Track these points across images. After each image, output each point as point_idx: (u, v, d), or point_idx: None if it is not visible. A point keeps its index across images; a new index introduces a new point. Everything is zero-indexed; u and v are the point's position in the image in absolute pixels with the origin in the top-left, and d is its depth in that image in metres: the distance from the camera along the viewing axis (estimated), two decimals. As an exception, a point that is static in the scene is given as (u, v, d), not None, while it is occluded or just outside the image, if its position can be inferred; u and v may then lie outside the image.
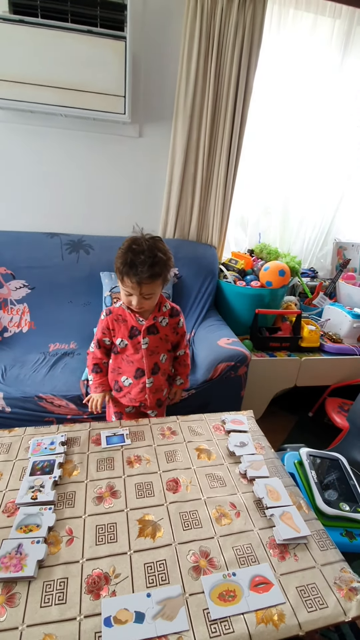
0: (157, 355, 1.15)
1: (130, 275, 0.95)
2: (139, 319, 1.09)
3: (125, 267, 0.95)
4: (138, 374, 1.15)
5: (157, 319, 1.10)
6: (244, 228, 2.22)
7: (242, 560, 0.73)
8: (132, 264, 0.94)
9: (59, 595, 0.65)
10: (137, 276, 0.95)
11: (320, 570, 0.73)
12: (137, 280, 0.95)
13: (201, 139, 1.80)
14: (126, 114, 1.62)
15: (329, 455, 1.18)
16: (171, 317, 1.14)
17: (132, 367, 1.15)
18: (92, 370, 1.20)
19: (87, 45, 1.49)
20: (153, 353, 1.13)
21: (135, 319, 1.09)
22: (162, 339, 1.14)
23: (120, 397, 1.21)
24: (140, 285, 0.97)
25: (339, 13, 1.79)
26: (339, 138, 2.06)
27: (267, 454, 1.02)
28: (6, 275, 1.74)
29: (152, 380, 1.16)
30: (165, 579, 0.68)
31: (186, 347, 1.25)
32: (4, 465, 0.92)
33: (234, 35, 1.63)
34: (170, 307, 1.15)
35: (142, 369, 1.14)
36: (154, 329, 1.11)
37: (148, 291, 0.99)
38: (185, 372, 1.28)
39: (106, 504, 0.83)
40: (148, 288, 0.98)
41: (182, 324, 1.18)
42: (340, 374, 1.88)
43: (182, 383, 1.30)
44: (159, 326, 1.11)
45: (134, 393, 1.17)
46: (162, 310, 1.11)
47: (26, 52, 1.46)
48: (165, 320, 1.12)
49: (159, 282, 1.01)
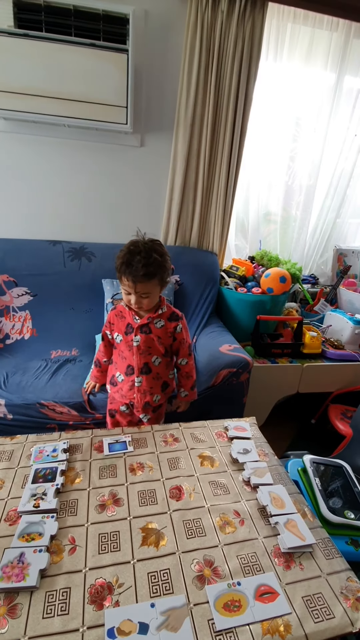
0: (149, 356, 1.17)
1: (127, 274, 1.02)
2: (135, 317, 1.14)
3: (122, 266, 1.02)
4: (129, 371, 1.19)
5: (152, 319, 1.13)
6: (245, 235, 2.24)
7: (247, 569, 0.72)
8: (129, 264, 1.01)
9: (61, 605, 0.64)
10: (132, 275, 1.01)
11: (327, 579, 0.72)
12: (133, 279, 1.02)
13: (202, 148, 1.83)
14: (128, 124, 1.65)
15: (333, 462, 1.17)
16: (169, 320, 1.16)
17: (124, 362, 1.19)
18: (93, 363, 1.32)
19: (90, 58, 1.52)
20: (144, 353, 1.16)
21: (132, 317, 1.14)
22: (155, 341, 1.15)
23: (114, 392, 1.25)
24: (135, 284, 1.02)
25: (336, 26, 1.84)
26: (337, 146, 2.09)
27: (270, 461, 1.01)
28: (8, 283, 1.75)
29: (140, 380, 1.18)
30: (169, 588, 0.67)
31: (189, 356, 1.24)
32: (6, 473, 0.91)
33: (233, 48, 1.66)
34: (170, 311, 1.17)
35: (132, 365, 1.17)
36: (146, 328, 1.14)
37: (143, 290, 1.04)
38: (189, 383, 1.28)
39: (109, 512, 0.82)
40: (143, 287, 1.04)
41: (180, 330, 1.18)
42: (343, 380, 1.88)
43: (186, 395, 1.30)
44: (153, 327, 1.14)
45: (124, 389, 1.21)
46: (158, 312, 1.14)
47: (31, 65, 1.49)
48: (160, 322, 1.15)
49: (155, 282, 1.05)
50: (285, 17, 1.76)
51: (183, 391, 1.29)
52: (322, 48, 1.87)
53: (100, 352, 1.29)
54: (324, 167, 2.12)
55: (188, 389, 1.29)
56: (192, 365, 1.27)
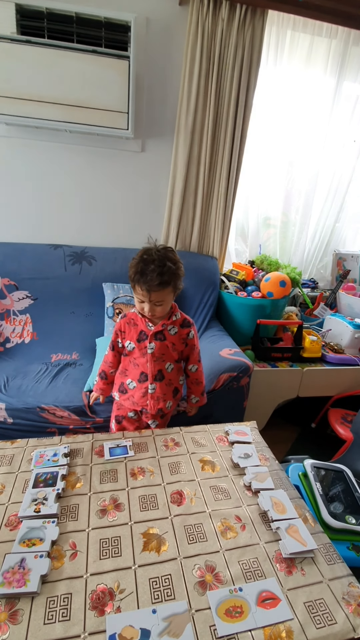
0: (163, 363, 1.17)
1: (141, 283, 1.01)
2: (148, 325, 1.13)
3: (136, 275, 1.02)
4: (142, 378, 1.17)
5: (166, 326, 1.13)
6: (245, 239, 2.25)
7: (249, 575, 0.72)
8: (143, 273, 1.00)
9: (62, 611, 0.63)
10: (146, 284, 1.01)
11: (328, 585, 0.72)
12: (147, 288, 1.01)
13: (202, 154, 1.84)
14: (129, 130, 1.66)
15: (334, 466, 1.17)
16: (182, 327, 1.16)
17: (137, 370, 1.18)
18: (99, 374, 1.28)
19: (92, 65, 1.53)
20: (158, 359, 1.16)
21: (145, 324, 1.13)
22: (169, 347, 1.15)
23: (124, 400, 1.22)
24: (149, 293, 1.02)
25: (335, 34, 1.86)
26: (336, 151, 2.10)
27: (271, 466, 1.01)
28: (9, 286, 1.76)
29: (154, 387, 1.17)
30: (170, 594, 0.67)
31: (199, 362, 1.25)
32: (7, 478, 0.91)
33: (233, 55, 1.68)
34: (182, 317, 1.17)
35: (146, 373, 1.16)
36: (161, 335, 1.13)
37: (157, 298, 1.04)
38: (199, 389, 1.28)
39: (110, 517, 0.82)
40: (157, 295, 1.03)
41: (192, 336, 1.19)
42: (343, 384, 1.88)
43: (197, 401, 1.30)
44: (167, 334, 1.14)
45: (136, 397, 1.19)
46: (172, 319, 1.14)
47: (33, 71, 1.51)
48: (174, 329, 1.15)
49: (169, 290, 1.05)
50: (285, 24, 1.78)
51: (194, 397, 1.29)
52: (322, 55, 1.89)
53: (106, 363, 1.25)
54: (323, 172, 2.13)
55: (199, 394, 1.29)
56: (201, 371, 1.27)
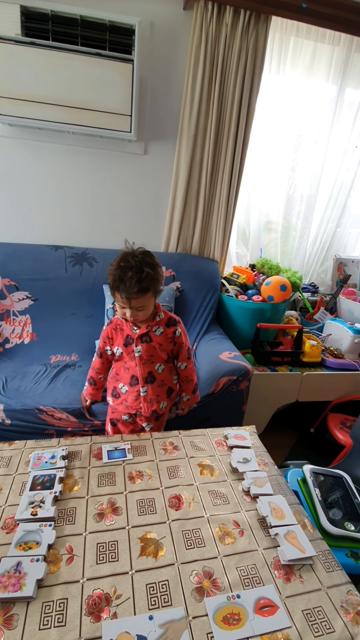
0: (152, 365, 1.17)
1: (120, 291, 1.01)
2: (133, 328, 1.13)
3: (115, 282, 1.01)
4: (133, 382, 1.18)
5: (151, 328, 1.13)
6: (246, 243, 2.25)
7: (247, 582, 0.71)
8: (121, 280, 0.99)
9: (58, 617, 0.63)
10: (126, 292, 1.00)
11: (327, 592, 0.71)
12: (127, 296, 1.00)
13: (204, 158, 1.85)
14: (132, 132, 1.67)
15: (333, 472, 1.16)
16: (167, 326, 1.16)
17: (127, 374, 1.19)
18: (87, 380, 1.29)
19: (96, 67, 1.54)
20: (147, 362, 1.16)
21: (130, 328, 1.14)
22: (157, 348, 1.15)
23: (117, 404, 1.23)
24: (129, 300, 1.02)
25: (338, 40, 1.87)
26: (338, 157, 2.11)
27: (270, 471, 1.01)
28: (10, 287, 1.75)
29: (146, 389, 1.18)
30: (167, 600, 0.67)
31: (188, 360, 1.24)
32: (4, 480, 0.90)
33: (237, 60, 1.69)
34: (166, 316, 1.17)
35: (136, 376, 1.17)
36: (147, 337, 1.14)
37: (138, 304, 1.04)
38: (190, 387, 1.28)
39: (107, 521, 0.81)
40: (137, 302, 1.03)
41: (179, 334, 1.19)
42: (342, 389, 1.87)
43: (188, 399, 1.30)
44: (153, 335, 1.14)
45: (129, 400, 1.19)
46: (156, 319, 1.14)
47: (37, 73, 1.51)
48: (159, 329, 1.15)
49: (149, 295, 1.05)
50: (289, 30, 1.80)
51: (185, 395, 1.29)
52: (324, 61, 1.90)
53: (94, 369, 1.26)
54: (324, 177, 2.14)
55: (190, 392, 1.29)
56: (192, 369, 1.27)
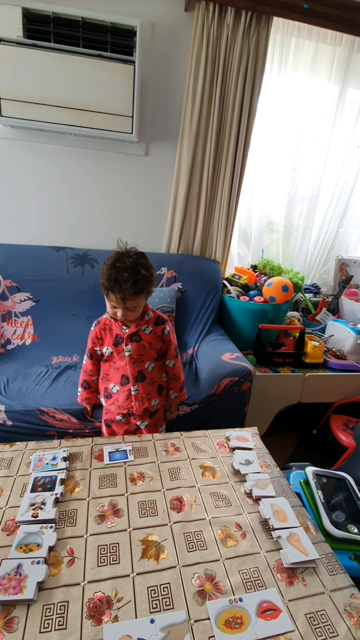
0: (142, 364, 1.18)
1: (115, 292, 1.01)
2: (122, 328, 1.14)
3: (109, 283, 1.01)
4: (124, 381, 1.19)
5: (140, 327, 1.14)
6: (247, 244, 2.24)
7: (249, 585, 0.70)
8: (116, 281, 1.00)
9: (59, 620, 0.62)
10: (121, 292, 1.00)
11: (330, 596, 0.70)
12: (122, 297, 1.01)
13: (206, 159, 1.85)
14: (133, 134, 1.67)
15: (336, 474, 1.15)
16: (156, 325, 1.18)
17: (117, 373, 1.19)
18: (81, 384, 1.28)
19: (98, 69, 1.54)
20: (137, 361, 1.17)
21: (119, 327, 1.14)
22: (146, 347, 1.17)
23: (109, 405, 1.23)
24: (124, 301, 1.02)
25: (339, 41, 1.87)
26: (340, 157, 2.11)
27: (272, 473, 1.00)
28: (11, 288, 1.75)
29: (137, 388, 1.19)
30: (169, 603, 0.66)
31: (176, 358, 1.25)
32: (5, 481, 0.90)
33: (238, 61, 1.69)
34: (155, 315, 1.18)
35: (126, 375, 1.18)
36: (136, 336, 1.14)
37: (132, 305, 1.05)
38: (177, 385, 1.28)
39: (108, 523, 0.81)
40: (132, 302, 1.04)
41: (168, 332, 1.20)
42: (345, 390, 1.86)
43: (176, 397, 1.30)
44: (142, 334, 1.15)
45: (121, 400, 1.20)
46: (145, 318, 1.15)
47: (39, 75, 1.51)
48: (149, 328, 1.16)
49: (143, 296, 1.07)
50: (290, 31, 1.79)
51: (172, 393, 1.29)
52: (326, 62, 1.90)
53: (86, 372, 1.26)
54: (326, 177, 2.13)
55: (177, 390, 1.29)
56: (179, 367, 1.27)
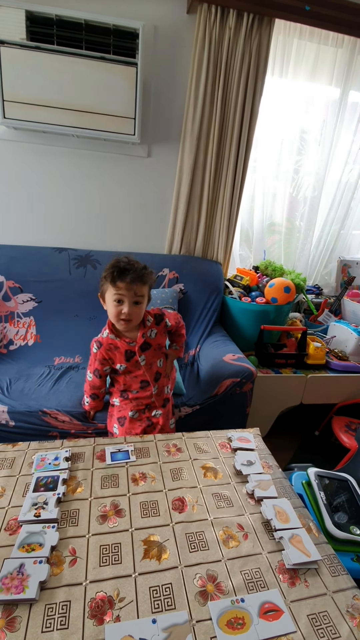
0: (155, 365, 1.22)
1: (121, 278, 1.02)
2: (129, 343, 1.15)
3: (117, 271, 1.03)
4: (143, 385, 1.22)
5: (146, 335, 1.16)
6: (249, 245, 2.25)
7: (251, 586, 0.70)
8: (122, 270, 1.03)
9: (61, 619, 0.62)
10: (128, 276, 1.02)
11: (332, 597, 0.70)
12: (130, 280, 1.02)
13: (208, 160, 1.85)
14: (135, 135, 1.68)
15: (338, 475, 1.15)
16: (157, 324, 1.20)
17: (136, 381, 1.22)
18: (89, 396, 1.30)
19: (100, 71, 1.55)
20: (152, 365, 1.21)
21: (127, 343, 1.15)
22: (156, 349, 1.21)
23: (125, 404, 1.25)
24: (133, 284, 1.03)
25: (341, 43, 1.87)
26: (342, 158, 2.11)
27: (274, 474, 1.00)
28: (14, 289, 1.76)
29: (157, 387, 1.23)
30: (171, 604, 0.66)
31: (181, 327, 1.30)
32: (7, 481, 0.90)
33: (240, 63, 1.70)
34: (152, 316, 1.20)
35: (146, 380, 1.21)
36: (146, 345, 1.17)
37: (140, 292, 1.06)
38: (181, 340, 1.33)
39: (110, 523, 0.81)
40: (140, 289, 1.05)
41: (169, 323, 1.23)
42: (347, 392, 1.86)
43: (177, 349, 1.34)
44: (150, 340, 1.18)
45: (140, 399, 1.23)
46: (147, 325, 1.17)
47: (42, 77, 1.53)
48: (153, 331, 1.19)
49: (147, 288, 1.08)
50: (292, 33, 1.80)
51: (174, 345, 1.33)
52: (328, 63, 1.91)
53: (95, 387, 1.27)
54: (328, 179, 2.13)
55: (180, 345, 1.34)
56: (183, 325, 1.31)
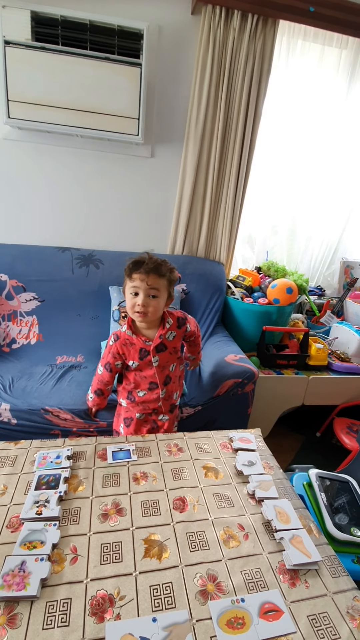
0: (168, 368, 1.20)
1: (137, 269, 1.04)
2: (146, 342, 1.14)
3: (134, 264, 1.05)
4: (152, 387, 1.20)
5: (164, 336, 1.14)
6: (252, 246, 2.25)
7: (251, 586, 0.70)
8: (139, 262, 1.05)
9: (61, 617, 0.63)
10: (144, 268, 1.03)
11: (332, 598, 0.70)
12: (145, 271, 1.03)
13: (211, 161, 1.85)
14: (139, 135, 1.68)
15: (339, 477, 1.15)
16: (179, 328, 1.19)
17: (145, 381, 1.20)
18: (94, 392, 1.27)
19: (105, 71, 1.56)
20: (164, 368, 1.18)
21: (143, 342, 1.14)
22: (172, 353, 1.18)
23: (132, 407, 1.24)
24: (148, 275, 1.04)
25: (345, 44, 1.87)
26: (345, 159, 2.10)
27: (275, 474, 1.00)
28: (17, 288, 1.77)
29: (165, 391, 1.21)
30: (171, 602, 0.66)
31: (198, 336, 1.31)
32: (9, 479, 0.91)
33: (244, 64, 1.70)
34: (174, 318, 1.18)
35: (155, 382, 1.19)
36: (162, 346, 1.15)
37: (154, 284, 1.05)
38: (196, 350, 1.34)
39: (111, 522, 0.81)
40: (154, 281, 1.05)
41: (189, 328, 1.22)
42: (349, 393, 1.86)
43: (194, 359, 1.37)
44: (167, 342, 1.16)
45: (147, 402, 1.22)
46: (166, 327, 1.15)
47: (46, 77, 1.53)
48: (172, 334, 1.16)
49: (164, 282, 1.08)
50: (296, 34, 1.80)
51: (191, 356, 1.36)
52: (332, 65, 1.90)
53: (103, 382, 1.24)
54: (331, 180, 2.13)
55: (196, 353, 1.36)
56: (199, 336, 1.33)
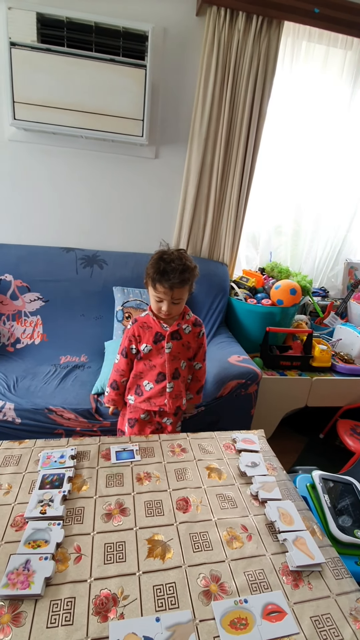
0: (178, 362, 1.19)
1: (163, 282, 1.03)
2: (163, 326, 1.14)
3: (157, 274, 1.04)
4: (159, 378, 1.19)
5: (181, 325, 1.15)
6: (255, 247, 2.24)
7: (254, 587, 0.70)
8: (165, 271, 1.03)
9: (65, 615, 0.63)
10: (169, 282, 1.03)
11: (336, 600, 0.70)
12: (170, 285, 1.03)
13: (215, 162, 1.86)
14: (144, 137, 1.69)
15: (342, 479, 1.15)
16: (195, 326, 1.20)
17: (154, 371, 1.19)
18: (110, 385, 1.26)
19: (110, 73, 1.57)
20: (175, 358, 1.18)
21: (160, 325, 1.14)
22: (184, 346, 1.18)
23: (140, 402, 1.22)
24: (172, 290, 1.04)
25: (350, 45, 1.86)
26: (350, 160, 2.10)
27: (279, 476, 1.00)
28: (22, 288, 1.78)
29: (172, 385, 1.19)
30: (174, 602, 0.66)
31: (204, 362, 1.27)
32: (14, 478, 0.91)
33: (249, 66, 1.70)
34: (194, 317, 1.20)
35: (163, 372, 1.18)
36: (177, 334, 1.16)
37: (179, 295, 1.07)
38: (197, 387, 1.30)
39: (115, 522, 0.81)
40: (179, 293, 1.07)
41: (203, 334, 1.22)
42: (352, 395, 1.85)
43: (191, 398, 1.31)
44: (182, 333, 1.17)
45: (154, 397, 1.21)
46: (185, 318, 1.17)
47: (52, 79, 1.54)
48: (188, 328, 1.18)
49: (187, 288, 1.09)
50: (301, 35, 1.80)
51: (188, 394, 1.30)
52: (337, 65, 1.90)
53: (118, 371, 1.22)
54: (335, 181, 2.12)
55: (194, 392, 1.31)
56: (204, 371, 1.29)
